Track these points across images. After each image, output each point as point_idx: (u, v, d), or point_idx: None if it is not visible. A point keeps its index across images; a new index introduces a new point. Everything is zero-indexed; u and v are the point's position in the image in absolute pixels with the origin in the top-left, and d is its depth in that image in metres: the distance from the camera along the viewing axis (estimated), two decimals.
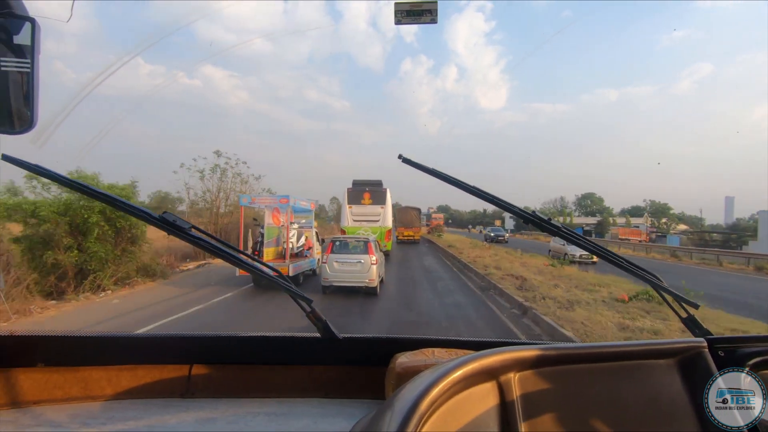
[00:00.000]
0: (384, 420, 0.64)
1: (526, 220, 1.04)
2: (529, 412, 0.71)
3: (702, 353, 0.81)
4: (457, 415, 0.65)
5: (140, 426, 0.98)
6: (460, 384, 0.66)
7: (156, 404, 1.11)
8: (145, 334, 1.28)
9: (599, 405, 0.74)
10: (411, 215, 30.45)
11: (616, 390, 0.76)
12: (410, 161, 1.05)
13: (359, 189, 18.20)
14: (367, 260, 9.23)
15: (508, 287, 9.98)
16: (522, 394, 0.72)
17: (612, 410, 0.74)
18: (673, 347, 0.82)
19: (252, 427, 1.00)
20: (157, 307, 8.46)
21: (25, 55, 0.91)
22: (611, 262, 1.04)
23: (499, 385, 0.71)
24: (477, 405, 0.68)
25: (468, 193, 1.05)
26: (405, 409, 0.60)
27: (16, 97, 0.91)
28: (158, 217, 0.94)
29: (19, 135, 0.92)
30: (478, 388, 0.69)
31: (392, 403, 0.68)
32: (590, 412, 0.73)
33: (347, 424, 0.85)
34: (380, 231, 16.97)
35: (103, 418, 1.02)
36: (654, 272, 1.04)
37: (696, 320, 1.00)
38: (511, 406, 0.70)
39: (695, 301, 1.02)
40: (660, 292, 1.04)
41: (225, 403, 1.13)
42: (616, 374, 0.78)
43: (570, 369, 0.77)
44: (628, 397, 0.76)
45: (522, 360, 0.73)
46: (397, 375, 0.99)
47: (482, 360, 0.69)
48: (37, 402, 1.10)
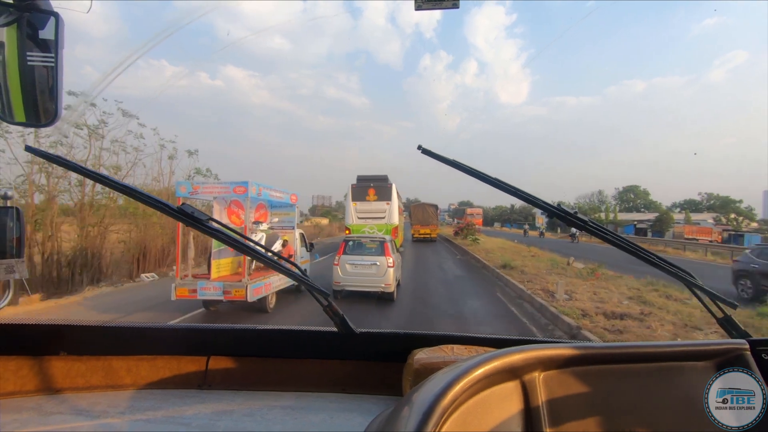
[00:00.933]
0: (402, 417, 0.62)
1: (551, 214, 0.99)
2: (555, 414, 0.67)
3: (743, 356, 0.76)
4: (478, 414, 0.63)
5: (158, 415, 1.00)
6: (481, 382, 0.64)
7: (174, 394, 1.12)
8: (165, 326, 1.30)
9: (630, 408, 0.70)
10: (427, 212, 28.62)
11: (648, 393, 0.72)
12: (430, 152, 1.03)
13: (363, 185, 17.35)
14: (383, 262, 8.35)
15: None
16: (547, 395, 0.68)
17: (644, 414, 0.70)
18: (710, 349, 0.77)
19: (268, 420, 1.00)
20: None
21: (49, 49, 0.93)
22: (644, 260, 0.98)
23: (522, 384, 0.68)
24: (499, 405, 0.66)
25: (489, 185, 1.02)
26: (424, 407, 0.58)
27: (41, 91, 0.93)
28: (176, 209, 0.95)
29: (44, 128, 0.94)
30: (500, 387, 0.67)
31: (410, 400, 0.65)
32: (620, 415, 0.70)
33: (364, 419, 0.83)
34: (386, 228, 16.22)
35: (123, 407, 1.03)
36: (688, 270, 0.98)
37: (733, 321, 0.94)
38: (536, 407, 0.67)
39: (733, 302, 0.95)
40: (695, 291, 0.99)
41: (242, 396, 1.13)
42: (648, 377, 0.73)
43: (599, 369, 0.73)
44: (662, 401, 0.71)
45: (547, 359, 0.70)
46: (415, 371, 0.97)
47: (505, 358, 0.66)
48: (59, 389, 1.12)
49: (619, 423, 0.69)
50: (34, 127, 0.91)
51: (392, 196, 17.16)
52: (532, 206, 1.07)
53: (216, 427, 0.96)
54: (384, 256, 8.47)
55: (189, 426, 0.95)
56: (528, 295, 8.76)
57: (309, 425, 0.98)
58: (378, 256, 8.47)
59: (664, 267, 0.98)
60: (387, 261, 8.42)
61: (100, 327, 1.21)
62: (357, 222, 16.79)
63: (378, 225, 16.46)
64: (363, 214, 16.99)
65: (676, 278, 0.99)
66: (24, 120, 0.89)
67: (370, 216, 16.91)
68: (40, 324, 1.16)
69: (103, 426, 0.94)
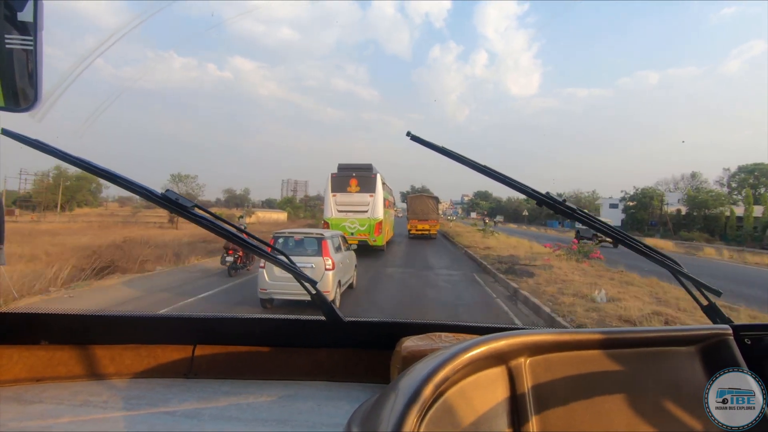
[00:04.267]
0: (388, 403, 0.62)
1: (539, 202, 1.00)
2: (541, 398, 0.68)
3: (726, 341, 0.78)
4: (464, 399, 0.63)
5: (142, 404, 0.99)
6: (467, 368, 0.64)
7: (159, 383, 1.11)
8: (149, 314, 1.28)
9: (615, 393, 0.72)
10: (427, 205, 24.15)
11: (633, 378, 0.73)
12: (418, 139, 1.03)
13: (345, 174, 15.35)
14: (320, 264, 6.89)
15: None
16: (533, 380, 0.69)
17: (628, 398, 0.71)
18: (695, 334, 0.79)
19: (255, 408, 1.00)
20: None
21: (28, 32, 0.90)
22: (630, 248, 1.00)
23: (509, 370, 0.69)
24: (485, 390, 0.66)
25: (478, 172, 1.02)
26: (410, 393, 0.58)
27: (20, 75, 0.90)
28: (160, 195, 0.93)
29: (23, 113, 0.91)
30: (486, 373, 0.67)
31: (396, 386, 0.66)
32: (605, 399, 0.71)
33: (352, 407, 0.84)
34: (369, 223, 14.80)
35: (106, 396, 1.02)
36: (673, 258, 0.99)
37: (717, 308, 0.97)
38: (522, 392, 0.68)
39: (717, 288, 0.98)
40: (680, 279, 1.01)
41: (228, 384, 1.13)
42: (633, 361, 0.75)
43: (584, 355, 0.74)
44: (646, 386, 0.73)
45: (533, 344, 0.71)
46: (402, 359, 0.98)
47: (491, 343, 0.67)
48: (40, 379, 1.11)
49: (603, 406, 0.70)
50: (12, 111, 0.88)
51: (376, 188, 15.27)
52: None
53: (201, 415, 0.95)
54: (321, 256, 7.01)
55: (174, 414, 0.95)
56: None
57: (296, 413, 0.98)
58: (314, 257, 7.05)
59: (652, 255, 1.00)
60: (325, 262, 6.96)
61: (83, 315, 1.19)
62: (336, 215, 15.03)
63: (360, 219, 14.90)
64: (343, 207, 15.15)
65: (662, 266, 1.01)
66: (2, 104, 0.87)
67: (351, 209, 15.11)
68: (19, 313, 1.14)
69: (84, 414, 0.93)
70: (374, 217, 15.07)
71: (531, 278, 9.88)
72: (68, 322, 1.19)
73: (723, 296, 0.98)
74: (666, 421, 0.71)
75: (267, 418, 0.96)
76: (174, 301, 7.62)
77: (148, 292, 8.42)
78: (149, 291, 8.51)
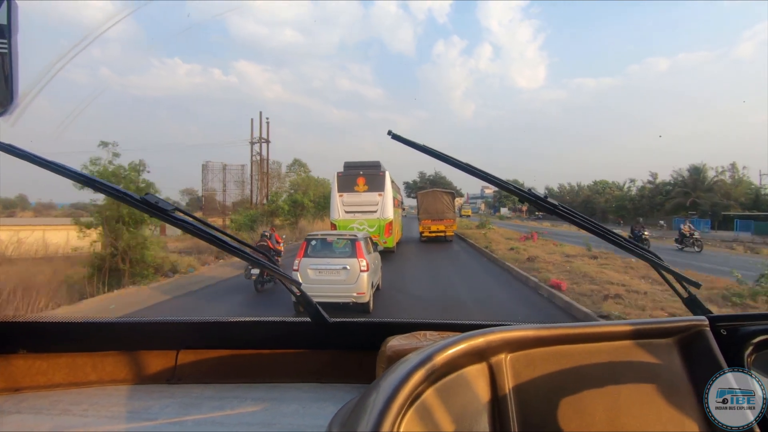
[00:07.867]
0: (368, 403, 0.62)
1: (522, 198, 1.01)
2: (522, 395, 0.69)
3: (703, 332, 0.79)
4: (445, 397, 0.63)
5: (123, 411, 0.97)
6: (448, 365, 0.64)
7: (141, 390, 1.10)
8: (131, 320, 1.26)
9: (595, 387, 0.72)
10: (441, 202, 20.10)
11: (613, 371, 0.74)
12: (399, 137, 1.03)
13: (352, 173, 14.33)
14: (354, 266, 6.63)
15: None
16: (514, 375, 0.70)
17: (609, 391, 0.72)
18: (672, 326, 0.80)
19: (239, 412, 0.98)
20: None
21: (2, 35, 0.88)
22: (611, 242, 1.01)
23: (489, 366, 0.69)
24: (466, 387, 0.67)
25: (460, 170, 1.02)
26: (389, 392, 0.58)
27: None
28: (139, 199, 0.91)
29: None
30: (467, 370, 0.68)
31: (377, 385, 0.66)
32: (586, 393, 0.72)
33: (337, 408, 0.83)
34: (378, 224, 13.72)
35: (86, 404, 1.00)
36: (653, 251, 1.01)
37: (697, 300, 0.98)
38: (503, 389, 0.68)
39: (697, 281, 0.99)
40: (661, 272, 1.02)
41: (212, 388, 1.11)
42: (613, 354, 0.76)
43: (564, 349, 0.75)
44: (626, 378, 0.74)
45: (513, 340, 0.71)
46: (387, 358, 0.98)
47: (471, 340, 0.67)
48: (18, 388, 1.08)
49: (584, 401, 0.71)
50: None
51: (385, 186, 14.25)
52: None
53: (184, 421, 0.94)
54: (356, 257, 6.76)
55: (156, 420, 0.93)
56: None
57: (281, 416, 0.97)
58: (348, 259, 6.78)
59: (633, 249, 1.01)
60: (359, 264, 6.66)
61: (62, 323, 1.17)
62: (344, 216, 13.97)
63: (369, 220, 13.78)
64: (351, 207, 14.12)
65: (643, 259, 1.02)
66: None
67: (359, 209, 14.07)
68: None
69: (63, 424, 0.91)
70: (384, 217, 14.06)
71: None
72: (47, 329, 1.16)
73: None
74: (646, 414, 0.71)
75: (251, 421, 0.95)
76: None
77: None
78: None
